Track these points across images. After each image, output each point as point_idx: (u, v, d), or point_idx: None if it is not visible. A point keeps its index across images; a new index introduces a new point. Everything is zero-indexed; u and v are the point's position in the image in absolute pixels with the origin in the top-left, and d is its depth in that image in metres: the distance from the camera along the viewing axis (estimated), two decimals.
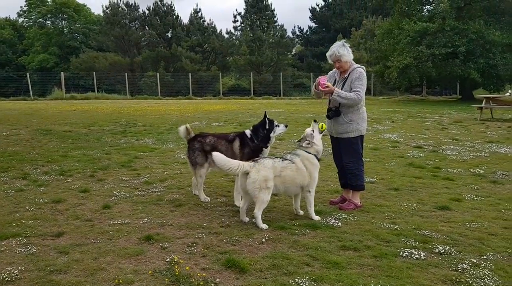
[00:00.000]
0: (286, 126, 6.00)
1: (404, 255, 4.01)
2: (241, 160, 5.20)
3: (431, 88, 41.25)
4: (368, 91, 38.92)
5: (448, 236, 4.52)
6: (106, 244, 4.25)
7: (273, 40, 46.80)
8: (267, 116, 5.87)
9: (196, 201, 5.82)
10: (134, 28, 49.01)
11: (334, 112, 5.52)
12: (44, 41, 55.91)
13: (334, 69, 5.70)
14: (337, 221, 4.95)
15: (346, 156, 5.59)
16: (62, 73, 35.86)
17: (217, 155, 4.81)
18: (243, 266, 3.70)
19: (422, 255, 3.99)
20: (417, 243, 4.30)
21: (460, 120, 16.87)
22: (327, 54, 5.54)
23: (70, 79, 43.50)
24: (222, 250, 4.10)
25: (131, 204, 5.61)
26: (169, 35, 49.42)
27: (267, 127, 5.82)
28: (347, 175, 5.62)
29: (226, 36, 50.17)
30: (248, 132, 5.92)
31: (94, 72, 37.93)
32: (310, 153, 5.11)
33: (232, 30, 50.44)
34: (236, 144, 5.83)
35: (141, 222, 4.90)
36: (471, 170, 7.86)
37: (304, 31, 57.81)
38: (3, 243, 4.29)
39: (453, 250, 4.12)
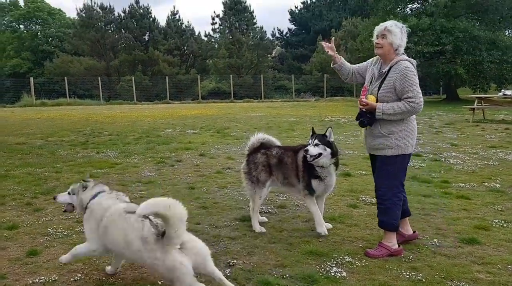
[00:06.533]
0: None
1: None
2: (303, 174, 4.55)
3: None
4: (349, 93, 37.45)
5: None
6: None
7: (252, 42, 45.57)
8: (314, 131, 4.71)
9: None
10: (109, 31, 47.22)
11: (369, 118, 4.02)
12: (16, 46, 53.62)
13: (372, 59, 4.31)
14: (339, 269, 3.70)
15: (378, 178, 4.16)
16: (31, 78, 33.86)
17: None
18: None
19: None
20: None
21: (452, 122, 15.87)
22: (376, 27, 4.11)
23: (44, 85, 41.60)
24: None
25: (67, 247, 4.23)
26: (146, 38, 47.88)
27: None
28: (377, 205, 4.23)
29: (205, 39, 48.75)
30: None
31: (66, 77, 35.94)
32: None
33: (211, 33, 49.01)
34: (301, 154, 4.70)
35: (72, 279, 3.55)
36: (485, 183, 6.73)
37: (284, 33, 57.05)
38: None
39: None
